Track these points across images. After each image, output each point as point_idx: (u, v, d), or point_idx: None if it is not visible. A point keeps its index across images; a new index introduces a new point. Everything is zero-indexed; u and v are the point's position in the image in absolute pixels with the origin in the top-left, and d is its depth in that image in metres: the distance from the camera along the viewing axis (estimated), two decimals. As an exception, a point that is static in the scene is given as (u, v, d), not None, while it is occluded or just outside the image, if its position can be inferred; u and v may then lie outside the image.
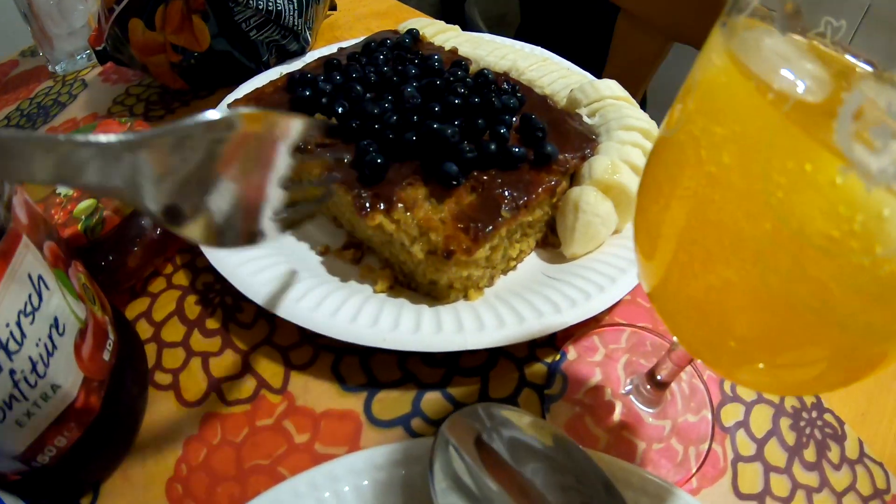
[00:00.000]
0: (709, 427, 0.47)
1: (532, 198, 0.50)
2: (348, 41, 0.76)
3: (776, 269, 0.22)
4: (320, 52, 0.77)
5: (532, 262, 0.57)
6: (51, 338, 0.34)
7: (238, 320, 0.53)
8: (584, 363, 0.50)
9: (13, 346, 0.31)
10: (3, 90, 0.86)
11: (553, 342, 0.52)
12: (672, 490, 0.39)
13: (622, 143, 0.54)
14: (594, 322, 0.51)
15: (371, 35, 0.73)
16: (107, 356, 0.40)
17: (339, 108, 0.56)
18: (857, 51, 0.23)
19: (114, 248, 0.51)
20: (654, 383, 0.45)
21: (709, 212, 0.24)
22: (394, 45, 0.68)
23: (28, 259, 0.33)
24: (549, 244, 0.58)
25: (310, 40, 0.80)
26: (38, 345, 0.33)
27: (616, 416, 0.47)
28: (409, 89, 0.56)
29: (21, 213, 0.34)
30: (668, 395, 0.48)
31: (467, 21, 1.94)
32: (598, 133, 0.58)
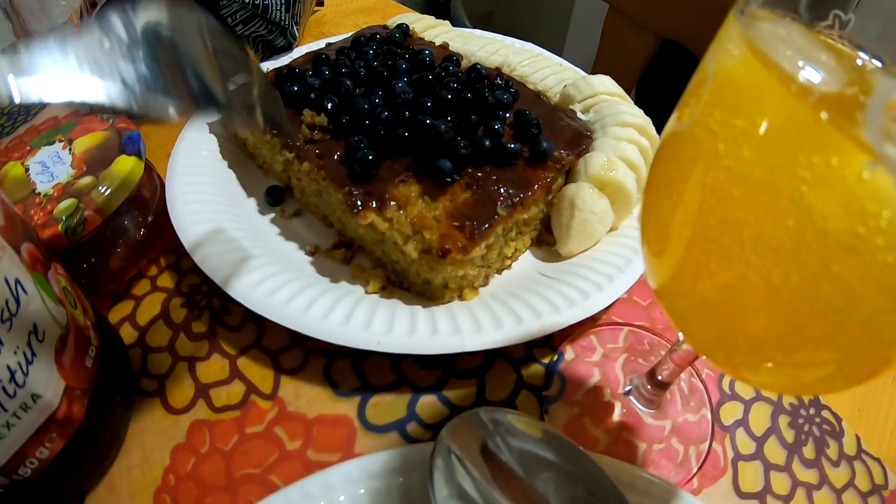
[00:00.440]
0: (708, 426, 0.47)
1: (528, 195, 0.49)
2: (336, 36, 0.75)
3: (799, 268, 0.22)
4: (308, 48, 0.76)
5: (527, 261, 0.56)
6: (30, 345, 0.33)
7: (226, 323, 0.51)
8: (582, 363, 0.49)
9: (-10, 354, 0.30)
10: (-19, 87, 0.84)
11: (550, 342, 0.51)
12: (676, 492, 0.38)
13: (618, 140, 0.54)
14: (591, 321, 0.51)
15: (360, 30, 0.72)
16: (89, 363, 0.39)
17: (329, 104, 0.55)
18: (867, 46, 0.22)
19: (96, 249, 0.49)
20: (654, 383, 0.45)
21: (727, 208, 0.23)
22: (384, 40, 0.67)
23: (4, 262, 0.31)
24: (544, 242, 0.57)
25: (297, 35, 0.78)
26: (16, 353, 0.32)
27: (615, 416, 0.46)
28: (401, 84, 0.54)
29: (-3, 214, 0.32)
30: (668, 394, 0.48)
31: (453, 19, 1.93)
32: (592, 129, 0.57)
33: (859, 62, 0.22)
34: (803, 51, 0.22)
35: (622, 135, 0.54)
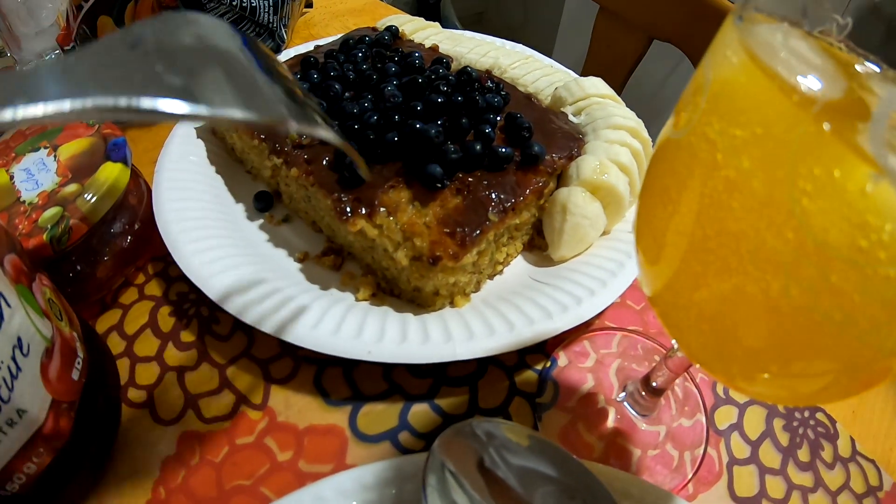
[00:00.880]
0: (703, 431, 0.47)
1: (519, 200, 0.49)
2: (325, 39, 0.74)
3: (798, 280, 0.21)
4: (296, 50, 0.75)
5: (519, 266, 0.55)
6: (14, 359, 0.32)
7: (214, 332, 0.51)
8: (576, 369, 0.49)
9: (-28, 371, 0.29)
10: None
11: (543, 348, 0.51)
12: (671, 498, 0.38)
13: (610, 143, 0.53)
14: (584, 327, 0.50)
15: (349, 32, 0.71)
16: (76, 375, 0.38)
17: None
18: (864, 50, 0.22)
19: (82, 258, 0.48)
20: (649, 390, 0.45)
21: (726, 219, 0.23)
22: (373, 43, 0.66)
23: (-14, 276, 0.31)
24: (536, 247, 0.57)
25: (285, 38, 0.78)
26: (0, 368, 0.31)
27: (610, 423, 0.46)
28: (390, 88, 0.54)
29: (-22, 227, 0.31)
30: (662, 400, 0.47)
31: (443, 19, 1.93)
32: (584, 132, 0.57)
33: (860, 68, 0.22)
34: (804, 58, 0.22)
35: (614, 138, 0.54)
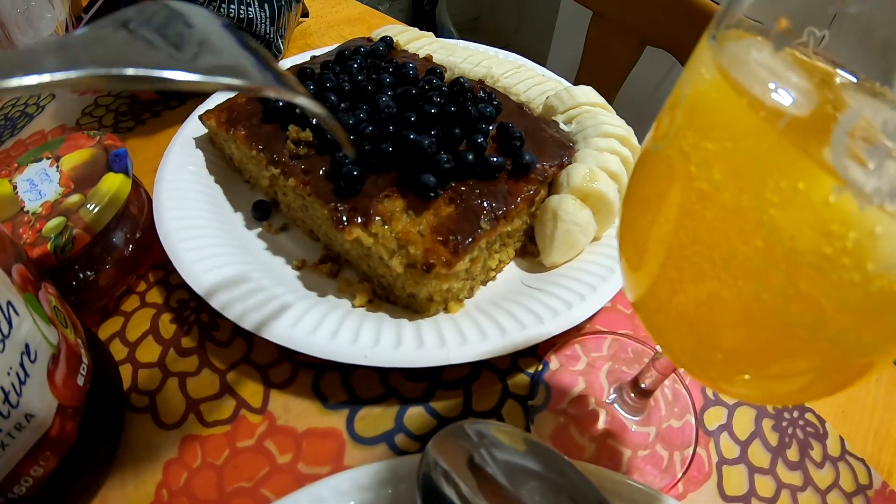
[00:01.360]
0: (693, 431, 0.47)
1: (511, 208, 0.50)
2: (321, 49, 0.75)
3: (768, 286, 0.22)
4: (292, 61, 0.76)
5: (512, 272, 0.56)
6: (22, 366, 0.33)
7: (214, 338, 0.52)
8: (567, 372, 0.50)
9: (-18, 377, 0.30)
10: (-32, 102, 0.84)
11: (535, 352, 0.52)
12: (660, 497, 0.39)
13: (600, 151, 0.54)
14: (575, 330, 0.51)
15: (344, 42, 0.72)
16: (81, 381, 0.39)
17: (314, 119, 0.55)
18: (840, 60, 0.23)
19: (85, 266, 0.49)
20: (638, 391, 0.45)
21: (699, 229, 0.24)
22: (368, 53, 0.67)
23: (-5, 286, 0.32)
24: (528, 253, 0.58)
25: (282, 48, 0.79)
26: (9, 374, 0.32)
27: (601, 424, 0.47)
28: (385, 99, 0.55)
29: (-14, 238, 0.32)
30: (652, 401, 0.48)
31: (438, 26, 1.93)
32: (574, 140, 0.58)
33: (837, 80, 0.23)
34: (775, 73, 0.23)
35: (604, 145, 0.55)
